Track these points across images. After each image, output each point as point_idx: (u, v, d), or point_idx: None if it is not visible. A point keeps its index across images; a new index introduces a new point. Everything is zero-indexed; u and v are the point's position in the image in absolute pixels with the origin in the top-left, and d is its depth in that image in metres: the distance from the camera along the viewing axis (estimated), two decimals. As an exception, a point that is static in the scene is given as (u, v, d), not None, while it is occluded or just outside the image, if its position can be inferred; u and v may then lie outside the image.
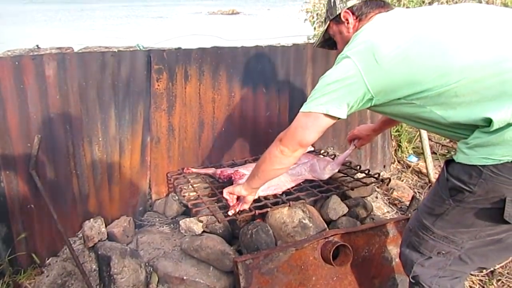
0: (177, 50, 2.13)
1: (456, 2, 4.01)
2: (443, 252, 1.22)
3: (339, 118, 1.26)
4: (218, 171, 2.13)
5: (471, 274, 2.02)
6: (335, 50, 1.54)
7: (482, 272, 2.05)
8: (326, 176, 2.09)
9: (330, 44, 1.58)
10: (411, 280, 1.33)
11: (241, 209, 1.75)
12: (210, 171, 2.20)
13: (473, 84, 1.06)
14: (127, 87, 2.03)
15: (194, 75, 2.19)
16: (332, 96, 1.23)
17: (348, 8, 1.39)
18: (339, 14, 1.41)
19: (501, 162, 1.02)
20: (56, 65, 1.83)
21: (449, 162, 1.16)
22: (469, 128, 1.11)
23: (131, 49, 2.04)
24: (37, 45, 1.97)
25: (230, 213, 1.75)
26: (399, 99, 1.19)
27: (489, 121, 1.04)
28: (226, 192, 1.74)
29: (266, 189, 1.91)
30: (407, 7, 3.72)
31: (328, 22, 1.48)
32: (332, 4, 1.44)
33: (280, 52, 2.42)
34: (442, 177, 1.18)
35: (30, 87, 1.79)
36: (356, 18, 1.38)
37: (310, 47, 2.52)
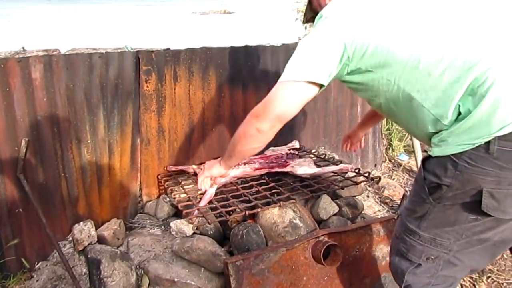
0: (165, 51, 2.12)
1: None
2: (432, 257, 1.18)
3: (322, 86, 1.16)
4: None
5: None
6: None
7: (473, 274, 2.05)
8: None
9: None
10: None
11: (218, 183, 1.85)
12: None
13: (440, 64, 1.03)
14: (115, 89, 2.02)
15: (183, 75, 2.18)
16: (312, 60, 1.14)
17: None
18: None
19: (475, 145, 1.00)
20: (43, 68, 1.81)
21: (426, 159, 1.13)
22: (432, 121, 1.09)
23: (119, 50, 2.03)
24: (23, 47, 1.96)
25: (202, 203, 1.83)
26: (367, 68, 1.12)
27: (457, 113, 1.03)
28: (203, 178, 1.71)
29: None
30: None
31: None
32: None
33: (269, 52, 2.41)
34: (419, 176, 1.15)
35: (16, 90, 1.77)
36: None
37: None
